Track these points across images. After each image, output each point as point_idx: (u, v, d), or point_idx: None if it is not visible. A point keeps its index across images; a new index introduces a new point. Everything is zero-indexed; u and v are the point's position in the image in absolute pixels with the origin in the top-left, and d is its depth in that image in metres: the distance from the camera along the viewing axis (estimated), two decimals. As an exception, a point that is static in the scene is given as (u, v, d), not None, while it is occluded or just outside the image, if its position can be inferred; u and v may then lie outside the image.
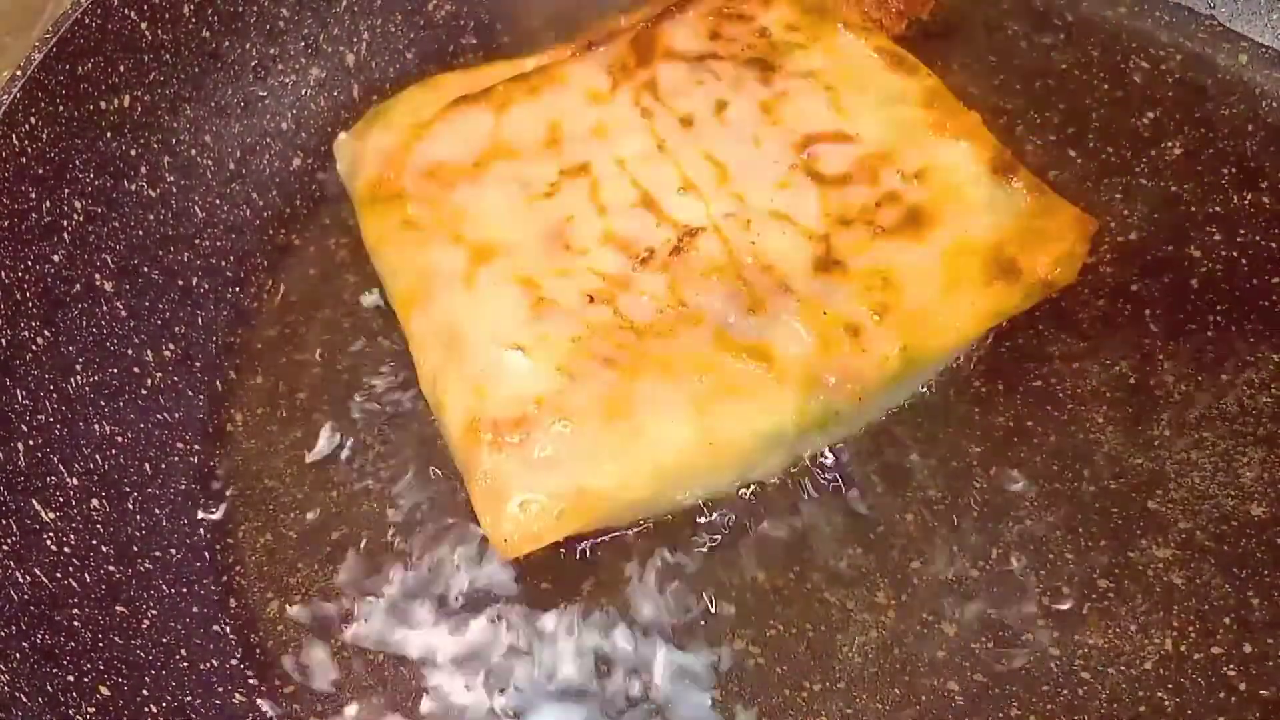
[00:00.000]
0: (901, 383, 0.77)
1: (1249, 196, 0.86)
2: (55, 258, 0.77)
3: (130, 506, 0.76)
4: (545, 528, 0.70)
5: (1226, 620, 0.71)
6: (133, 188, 0.84)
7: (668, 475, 0.72)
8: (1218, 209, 0.86)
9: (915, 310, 0.75)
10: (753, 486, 0.77)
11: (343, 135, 0.89)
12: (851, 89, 0.84)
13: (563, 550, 0.74)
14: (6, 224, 0.74)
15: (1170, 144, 0.90)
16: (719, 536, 0.75)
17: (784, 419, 0.73)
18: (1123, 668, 0.70)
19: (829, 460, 0.78)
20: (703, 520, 0.76)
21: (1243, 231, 0.85)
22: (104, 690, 0.67)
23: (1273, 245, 0.84)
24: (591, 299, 0.75)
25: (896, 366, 0.74)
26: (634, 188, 0.80)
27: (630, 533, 0.76)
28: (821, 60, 0.86)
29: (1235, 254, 0.84)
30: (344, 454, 0.81)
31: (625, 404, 0.71)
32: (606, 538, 0.75)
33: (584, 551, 0.75)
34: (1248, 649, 0.70)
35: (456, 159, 0.83)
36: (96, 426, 0.77)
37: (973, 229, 0.77)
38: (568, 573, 0.75)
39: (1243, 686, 0.68)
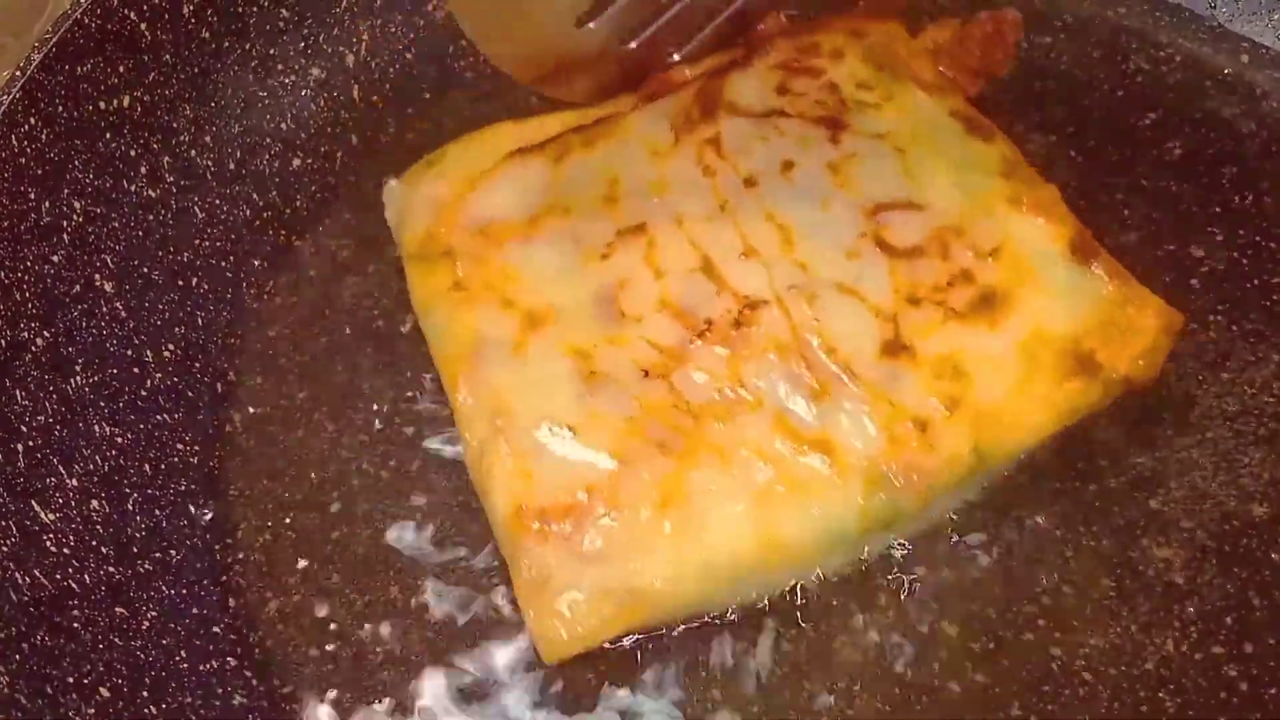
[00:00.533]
0: (971, 479, 0.73)
1: (1249, 196, 0.86)
2: (55, 258, 0.77)
3: (130, 507, 0.76)
4: (590, 630, 0.68)
5: (1228, 620, 0.71)
6: (133, 188, 0.84)
7: (721, 575, 0.69)
8: (1218, 209, 0.86)
9: (987, 405, 0.71)
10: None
11: (392, 182, 0.85)
12: (924, 153, 0.79)
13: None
14: (6, 224, 0.74)
15: (1170, 144, 0.90)
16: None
17: (846, 518, 0.69)
18: (1124, 667, 0.70)
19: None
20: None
21: (1242, 231, 0.85)
22: (104, 691, 0.67)
23: (1272, 245, 0.84)
24: (646, 373, 0.72)
25: (967, 466, 0.71)
26: (693, 250, 0.75)
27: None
28: (893, 121, 0.81)
29: (1235, 254, 0.84)
30: (344, 454, 0.81)
31: (679, 494, 0.69)
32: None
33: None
34: (1249, 649, 0.70)
35: (510, 215, 0.79)
36: (96, 427, 0.77)
37: (1049, 318, 0.73)
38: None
39: (1244, 686, 0.68)
